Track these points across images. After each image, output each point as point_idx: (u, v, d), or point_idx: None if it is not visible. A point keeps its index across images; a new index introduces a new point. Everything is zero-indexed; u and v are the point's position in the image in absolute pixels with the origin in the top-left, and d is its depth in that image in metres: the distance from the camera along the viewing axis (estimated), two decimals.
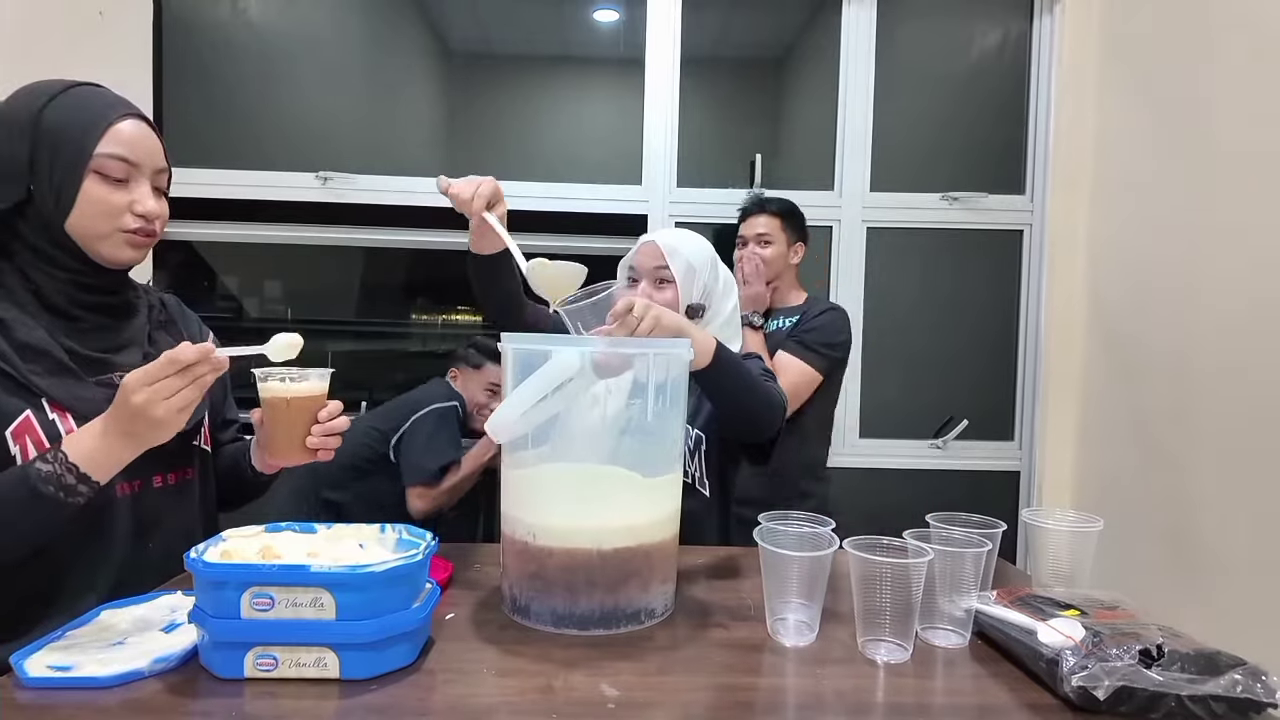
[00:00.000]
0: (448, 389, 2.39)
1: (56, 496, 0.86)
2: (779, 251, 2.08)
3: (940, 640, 0.91)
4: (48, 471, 0.86)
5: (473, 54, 2.90)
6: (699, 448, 1.34)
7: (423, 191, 2.46)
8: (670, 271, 1.33)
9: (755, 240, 2.07)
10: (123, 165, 0.95)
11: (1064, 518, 1.04)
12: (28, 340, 0.92)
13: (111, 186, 0.95)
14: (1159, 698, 0.72)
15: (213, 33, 2.52)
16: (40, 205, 0.93)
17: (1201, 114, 1.93)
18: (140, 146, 0.97)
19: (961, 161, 2.61)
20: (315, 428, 1.00)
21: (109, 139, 0.94)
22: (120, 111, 0.96)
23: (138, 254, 1.00)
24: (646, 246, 1.37)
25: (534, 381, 0.91)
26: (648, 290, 1.34)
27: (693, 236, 1.41)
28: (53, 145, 0.92)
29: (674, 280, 1.33)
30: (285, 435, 1.00)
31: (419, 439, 2.24)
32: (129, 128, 0.96)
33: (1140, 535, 2.04)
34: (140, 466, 0.92)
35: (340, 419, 1.01)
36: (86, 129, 0.93)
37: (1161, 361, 2.04)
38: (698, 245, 1.39)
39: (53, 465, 0.86)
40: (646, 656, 0.86)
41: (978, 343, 2.64)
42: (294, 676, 0.77)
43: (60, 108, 0.93)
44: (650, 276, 1.34)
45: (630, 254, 1.39)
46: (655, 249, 1.34)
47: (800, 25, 2.78)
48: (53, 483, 0.86)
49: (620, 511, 0.95)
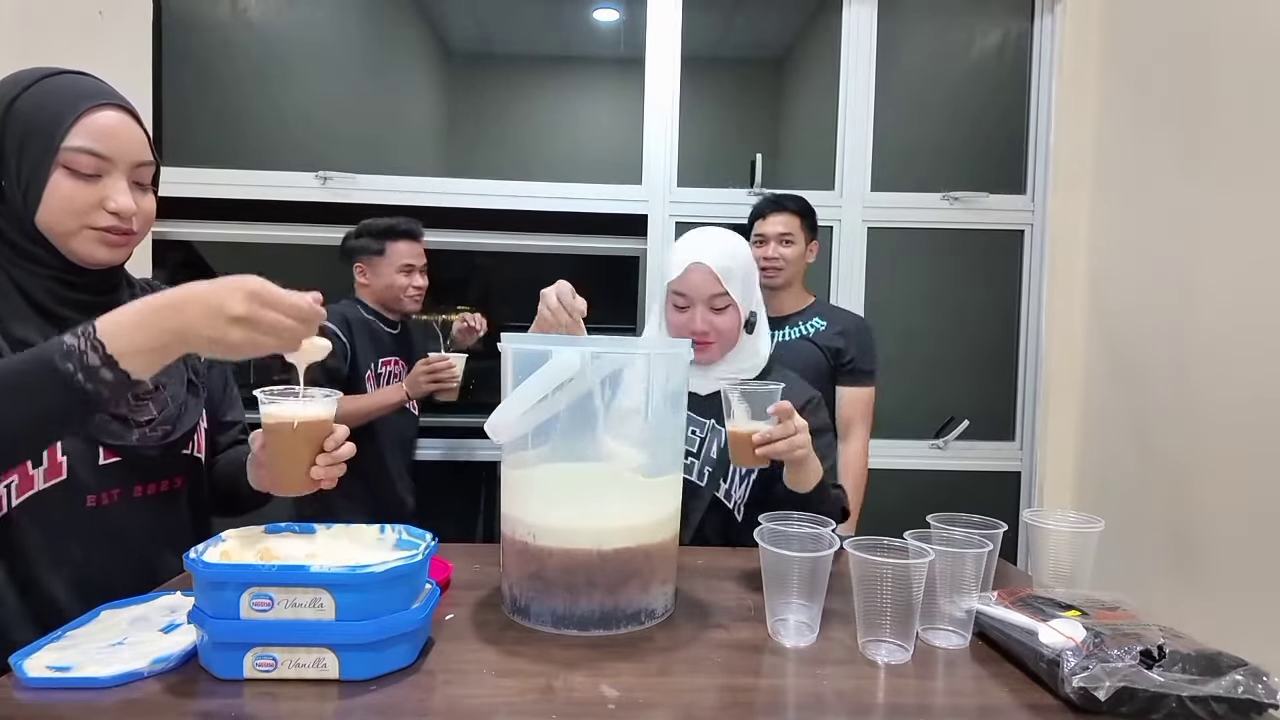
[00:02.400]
0: (340, 307, 2.12)
1: (74, 377, 0.74)
2: (799, 251, 2.07)
3: (941, 641, 0.91)
4: (70, 345, 0.75)
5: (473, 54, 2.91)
6: (749, 474, 1.33)
7: (422, 191, 2.47)
8: (730, 297, 1.30)
9: (778, 240, 2.05)
10: (93, 160, 0.89)
11: (1065, 518, 1.04)
12: (23, 337, 0.88)
13: (81, 182, 0.89)
14: (1160, 698, 0.72)
15: (212, 32, 2.52)
16: (10, 200, 0.89)
17: (1202, 114, 1.93)
18: (115, 139, 0.90)
19: (962, 161, 2.61)
20: (321, 457, 0.90)
21: (78, 131, 0.88)
22: (95, 102, 0.90)
23: (114, 253, 0.94)
24: (698, 273, 1.30)
25: (534, 381, 0.91)
26: (705, 317, 1.30)
27: (731, 243, 1.34)
28: (21, 136, 0.87)
29: (734, 302, 1.30)
30: (289, 464, 0.91)
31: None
32: (104, 119, 0.90)
33: (1141, 536, 2.04)
34: (122, 476, 0.87)
35: (347, 447, 0.93)
36: (54, 120, 0.87)
37: (1163, 362, 2.03)
38: (744, 254, 1.34)
39: (78, 339, 0.75)
40: (647, 657, 0.86)
41: (979, 343, 2.64)
42: (293, 677, 0.76)
43: (32, 97, 0.88)
44: (705, 304, 1.30)
45: (673, 273, 1.31)
46: (709, 276, 1.29)
47: (801, 25, 2.78)
48: (72, 359, 0.74)
49: (620, 512, 0.95)
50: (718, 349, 1.34)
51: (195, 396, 1.07)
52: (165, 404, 1.00)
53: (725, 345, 1.35)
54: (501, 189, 2.49)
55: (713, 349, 1.33)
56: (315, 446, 0.91)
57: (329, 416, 0.92)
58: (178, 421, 1.02)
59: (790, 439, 1.08)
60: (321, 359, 0.88)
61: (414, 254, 2.19)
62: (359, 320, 2.12)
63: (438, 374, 2.06)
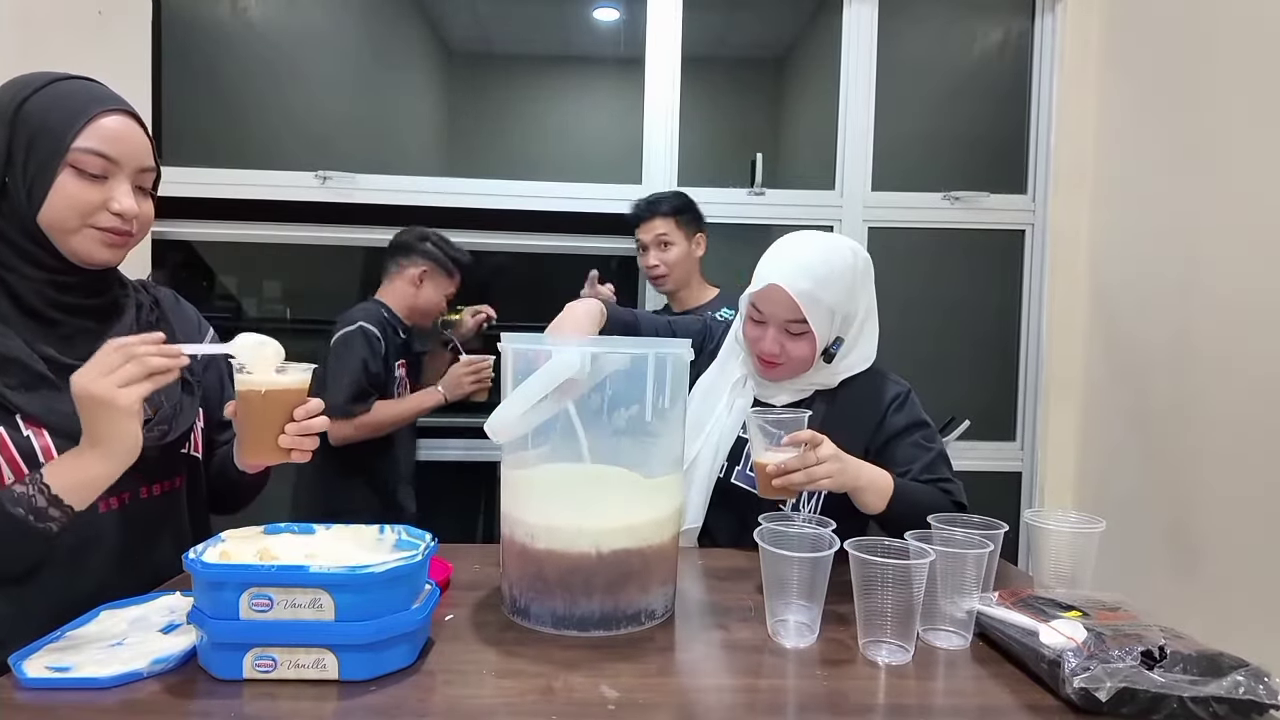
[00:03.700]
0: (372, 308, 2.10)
1: (26, 520, 0.83)
2: (682, 250, 2.07)
3: (942, 641, 0.91)
4: (20, 493, 0.83)
5: (473, 54, 2.91)
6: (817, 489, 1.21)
7: (422, 191, 2.46)
8: (808, 325, 1.20)
9: (656, 245, 2.05)
10: (101, 161, 0.91)
11: (1066, 519, 1.04)
12: (2, 351, 0.89)
13: (87, 182, 0.91)
14: (1161, 699, 0.72)
15: (212, 32, 2.52)
16: (13, 196, 0.90)
17: (1204, 113, 1.92)
18: (123, 144, 0.93)
19: (963, 161, 2.61)
20: (290, 426, 0.93)
21: (89, 133, 0.91)
22: (106, 107, 0.93)
23: (112, 254, 0.96)
24: (777, 292, 1.20)
25: (534, 381, 0.90)
26: (778, 339, 1.22)
27: (823, 262, 1.20)
28: (31, 136, 0.89)
29: (811, 331, 1.21)
30: (256, 431, 0.93)
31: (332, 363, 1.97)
32: (113, 124, 0.93)
33: (1142, 536, 2.04)
34: (125, 480, 0.89)
35: (319, 419, 0.95)
36: (67, 122, 0.90)
37: (1164, 362, 2.03)
38: (838, 277, 1.21)
39: (26, 487, 0.84)
40: (647, 658, 0.86)
41: (979, 343, 2.64)
42: (293, 678, 0.76)
43: (43, 99, 0.91)
44: (780, 326, 1.22)
45: (754, 285, 1.23)
46: (787, 301, 1.18)
47: (801, 24, 2.78)
48: (23, 504, 0.83)
49: (620, 512, 0.95)
50: (786, 370, 1.28)
51: (190, 396, 1.08)
52: (161, 404, 1.01)
53: (795, 369, 1.28)
54: (502, 189, 2.48)
55: (780, 370, 1.27)
56: (285, 415, 0.93)
57: (301, 387, 0.94)
58: (174, 421, 1.03)
59: (809, 470, 1.03)
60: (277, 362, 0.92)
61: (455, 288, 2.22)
62: (386, 321, 2.11)
63: (480, 373, 2.09)
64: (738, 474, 1.30)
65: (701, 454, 1.31)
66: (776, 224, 2.48)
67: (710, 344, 1.42)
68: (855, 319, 1.29)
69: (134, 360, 0.84)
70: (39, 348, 0.92)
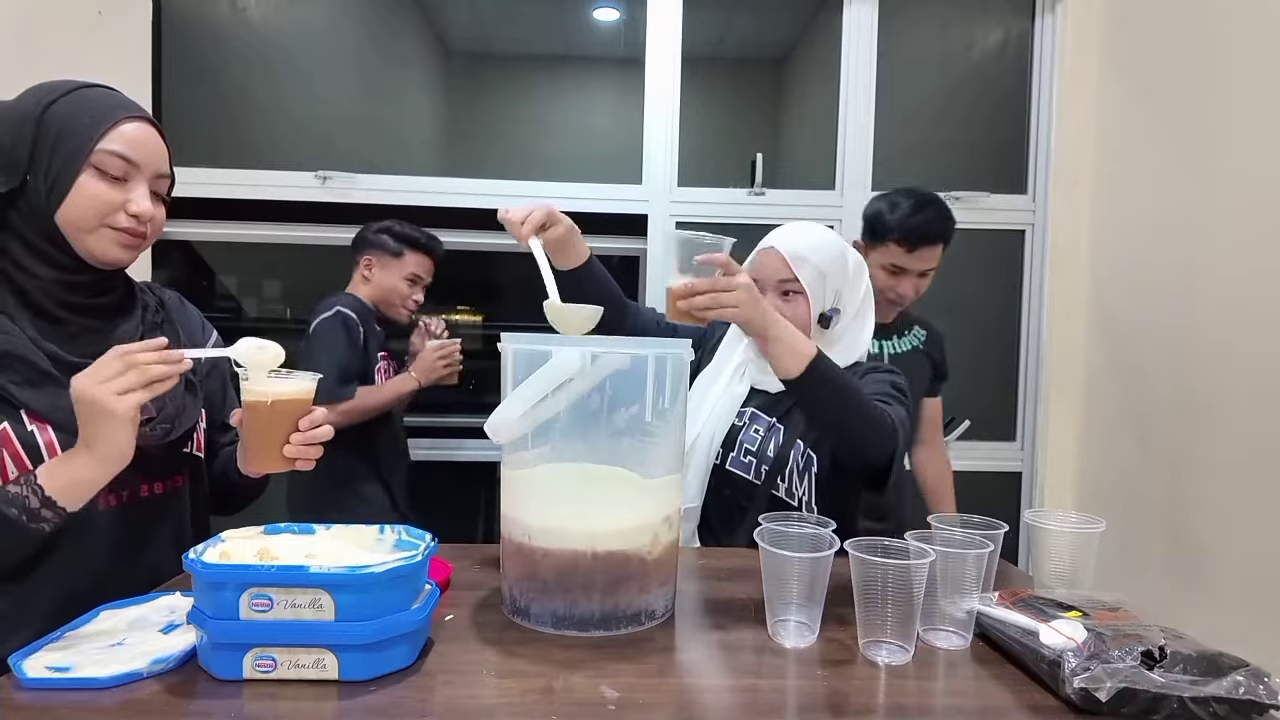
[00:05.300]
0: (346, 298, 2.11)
1: (19, 520, 0.84)
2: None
3: (942, 642, 0.91)
4: (14, 493, 0.85)
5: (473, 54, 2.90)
6: (809, 469, 1.22)
7: (422, 191, 2.46)
8: (799, 284, 1.20)
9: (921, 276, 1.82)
10: (122, 164, 0.95)
11: (1066, 519, 1.03)
12: (7, 348, 0.91)
13: (108, 183, 0.95)
14: (1161, 699, 0.72)
15: (212, 32, 2.52)
16: (33, 194, 0.93)
17: (1204, 113, 1.93)
18: (143, 148, 0.97)
19: (963, 161, 2.61)
20: (295, 436, 0.95)
21: (113, 137, 0.94)
22: (130, 113, 0.97)
23: (126, 254, 0.99)
24: (768, 255, 1.22)
25: (534, 381, 0.90)
26: (775, 303, 1.19)
27: (817, 234, 1.24)
28: (55, 137, 0.92)
29: (803, 291, 1.20)
30: (262, 440, 0.95)
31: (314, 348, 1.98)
32: (135, 129, 0.97)
33: (1143, 537, 2.04)
34: (125, 477, 0.90)
35: (324, 428, 0.97)
36: (92, 125, 0.94)
37: (1164, 362, 2.03)
38: (826, 246, 1.23)
39: (20, 487, 0.85)
40: (647, 658, 0.86)
41: (980, 343, 2.63)
42: (293, 678, 0.76)
43: (69, 103, 0.94)
44: (774, 289, 1.21)
45: (749, 262, 1.24)
46: (778, 259, 1.20)
47: (801, 24, 2.78)
48: (16, 504, 0.85)
49: (618, 513, 0.95)
50: None
51: (193, 395, 1.09)
52: (164, 403, 1.01)
53: None
54: (501, 189, 2.49)
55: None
56: (291, 425, 0.95)
57: (307, 396, 0.96)
58: (177, 420, 1.03)
59: (716, 295, 0.97)
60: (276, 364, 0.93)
61: (425, 268, 2.20)
62: (364, 310, 2.11)
63: (449, 356, 2.11)
64: (732, 460, 1.30)
65: (700, 438, 1.31)
66: (777, 224, 2.46)
67: (711, 340, 1.42)
68: (847, 295, 1.27)
69: (134, 369, 0.85)
70: (44, 344, 0.93)
